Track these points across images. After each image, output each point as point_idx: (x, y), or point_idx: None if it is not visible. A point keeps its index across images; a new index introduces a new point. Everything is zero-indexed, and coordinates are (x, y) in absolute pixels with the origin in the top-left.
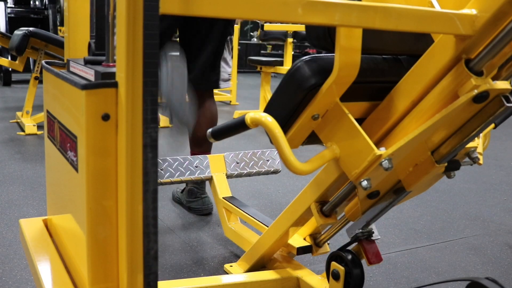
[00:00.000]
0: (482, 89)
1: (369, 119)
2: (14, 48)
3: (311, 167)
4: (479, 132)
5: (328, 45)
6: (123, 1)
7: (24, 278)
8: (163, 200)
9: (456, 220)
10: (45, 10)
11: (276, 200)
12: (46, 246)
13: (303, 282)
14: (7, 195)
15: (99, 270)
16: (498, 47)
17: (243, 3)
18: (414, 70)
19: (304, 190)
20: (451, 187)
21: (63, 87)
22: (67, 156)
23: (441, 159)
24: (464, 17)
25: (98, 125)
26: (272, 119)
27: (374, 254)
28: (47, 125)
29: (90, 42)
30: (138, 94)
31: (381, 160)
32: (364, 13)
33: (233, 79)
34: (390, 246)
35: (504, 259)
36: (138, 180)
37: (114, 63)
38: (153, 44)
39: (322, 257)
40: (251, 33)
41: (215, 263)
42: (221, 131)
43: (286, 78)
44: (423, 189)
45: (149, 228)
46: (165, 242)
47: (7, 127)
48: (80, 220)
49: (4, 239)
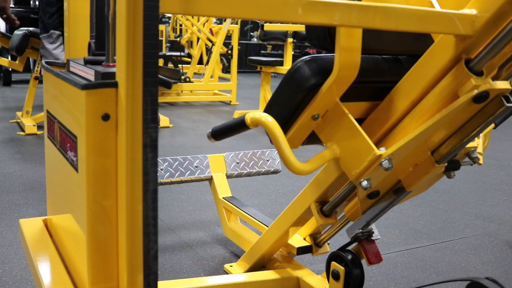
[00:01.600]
0: (482, 89)
1: (369, 119)
2: (14, 48)
3: (311, 167)
4: (479, 132)
5: (328, 45)
6: (123, 1)
7: (24, 278)
8: (163, 200)
9: (456, 220)
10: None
11: (276, 200)
12: (46, 246)
13: (303, 282)
14: (7, 195)
15: (99, 270)
16: (498, 47)
17: (243, 3)
18: (414, 70)
19: (304, 190)
20: (451, 187)
21: (63, 87)
22: (67, 156)
23: (441, 159)
24: (464, 17)
25: (98, 125)
26: (272, 119)
27: (374, 254)
28: (47, 125)
29: (90, 42)
30: (138, 94)
31: (381, 160)
32: (364, 13)
33: (233, 79)
34: (390, 246)
35: (504, 259)
36: (138, 180)
37: (114, 63)
38: (153, 44)
39: (322, 257)
40: (251, 33)
41: (215, 263)
42: (221, 131)
43: (286, 78)
44: (423, 189)
45: (149, 228)
46: (165, 242)
47: (7, 127)
48: (80, 220)
49: (4, 239)
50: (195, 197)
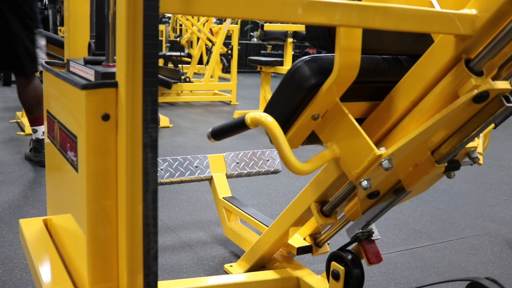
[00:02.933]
0: (482, 89)
1: (369, 119)
2: None
3: (311, 167)
4: (479, 132)
5: (328, 45)
6: (123, 1)
7: (24, 278)
8: (163, 200)
9: (456, 220)
10: (45, 10)
11: (276, 200)
12: (46, 246)
13: (303, 282)
14: (7, 195)
15: (99, 270)
16: (498, 47)
17: (243, 3)
18: (414, 70)
19: (304, 190)
20: (451, 187)
21: (63, 87)
22: (67, 156)
23: (441, 159)
24: (464, 17)
25: (98, 125)
26: (272, 119)
27: (374, 254)
28: (47, 125)
29: (90, 42)
30: (138, 94)
31: (381, 160)
32: (364, 13)
33: (233, 79)
34: (390, 246)
35: (504, 259)
36: (138, 180)
37: (114, 63)
38: (153, 44)
39: (322, 257)
40: (251, 33)
41: (215, 263)
42: (221, 131)
43: (286, 78)
44: (423, 189)
45: (149, 228)
46: (165, 242)
47: (7, 127)
48: (80, 220)
49: (4, 239)
50: (195, 197)
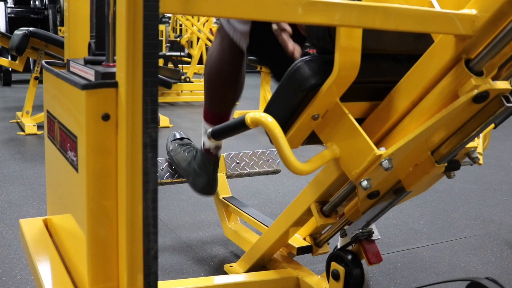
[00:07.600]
0: (482, 89)
1: (369, 119)
2: (14, 48)
3: (311, 167)
4: (479, 132)
5: (328, 45)
6: (123, 1)
7: (24, 278)
8: (163, 200)
9: (456, 220)
10: (45, 10)
11: (276, 200)
12: (46, 246)
13: (303, 282)
14: (7, 195)
15: (99, 270)
16: (498, 47)
17: (243, 3)
18: (414, 70)
19: (304, 190)
20: (451, 187)
21: (63, 87)
22: (67, 156)
23: (441, 159)
24: (464, 17)
25: (98, 125)
26: (272, 119)
27: (374, 254)
28: (47, 125)
29: (90, 42)
30: (138, 94)
31: (381, 160)
32: (364, 13)
33: None
34: (390, 246)
35: (504, 259)
36: (138, 180)
37: (114, 63)
38: (153, 44)
39: (322, 257)
40: None
41: (215, 263)
42: (221, 131)
43: (286, 78)
44: (423, 189)
45: (149, 228)
46: (165, 242)
47: (7, 127)
48: (80, 220)
49: (4, 239)
50: (195, 197)
